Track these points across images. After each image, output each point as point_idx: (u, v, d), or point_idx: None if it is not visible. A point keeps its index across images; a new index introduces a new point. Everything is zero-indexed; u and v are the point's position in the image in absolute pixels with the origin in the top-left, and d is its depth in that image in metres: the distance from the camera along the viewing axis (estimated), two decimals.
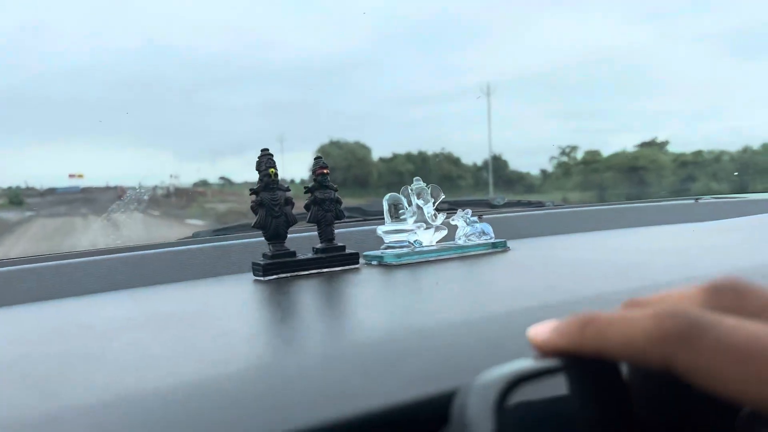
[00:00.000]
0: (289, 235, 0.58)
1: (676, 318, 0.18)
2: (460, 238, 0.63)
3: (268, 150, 0.58)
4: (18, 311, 0.49)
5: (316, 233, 0.60)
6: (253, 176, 0.58)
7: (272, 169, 0.57)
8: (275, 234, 0.57)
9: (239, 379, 0.26)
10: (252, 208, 0.57)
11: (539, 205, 1.08)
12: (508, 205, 1.06)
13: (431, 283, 0.49)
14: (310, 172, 0.60)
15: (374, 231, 0.62)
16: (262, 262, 0.55)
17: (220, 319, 0.40)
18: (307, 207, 0.60)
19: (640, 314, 0.19)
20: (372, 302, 0.44)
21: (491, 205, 1.03)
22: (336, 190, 0.60)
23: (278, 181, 0.57)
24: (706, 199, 1.15)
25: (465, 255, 0.62)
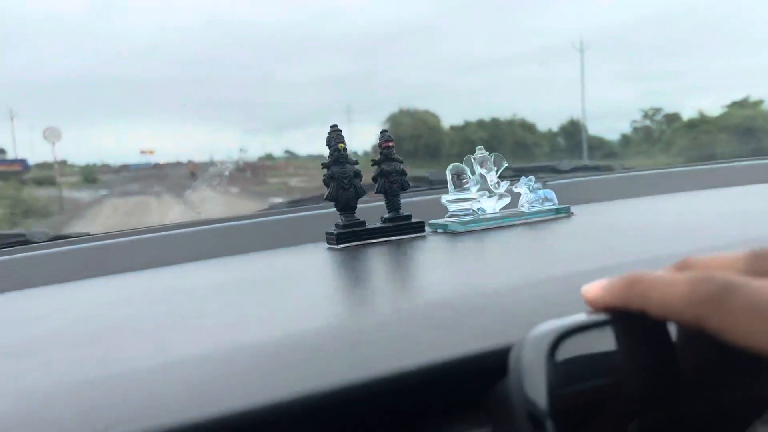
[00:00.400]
0: (359, 206, 0.62)
1: (708, 282, 0.20)
2: (523, 205, 0.65)
3: (337, 126, 0.61)
4: (120, 279, 0.56)
5: (383, 204, 0.63)
6: (317, 148, 0.63)
7: (341, 144, 0.61)
8: (346, 205, 0.61)
9: (321, 334, 0.30)
10: (324, 181, 0.61)
11: (607, 169, 1.06)
12: (575, 170, 1.05)
13: (493, 248, 0.52)
14: (377, 145, 0.63)
15: (439, 200, 0.65)
16: (335, 232, 0.60)
17: (301, 283, 0.45)
18: (374, 179, 0.63)
19: (680, 278, 0.21)
20: (438, 266, 0.47)
21: (557, 171, 1.03)
22: (401, 162, 0.63)
23: (347, 155, 0.61)
24: None
25: (528, 221, 0.64)
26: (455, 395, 0.27)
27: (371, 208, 0.68)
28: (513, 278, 0.39)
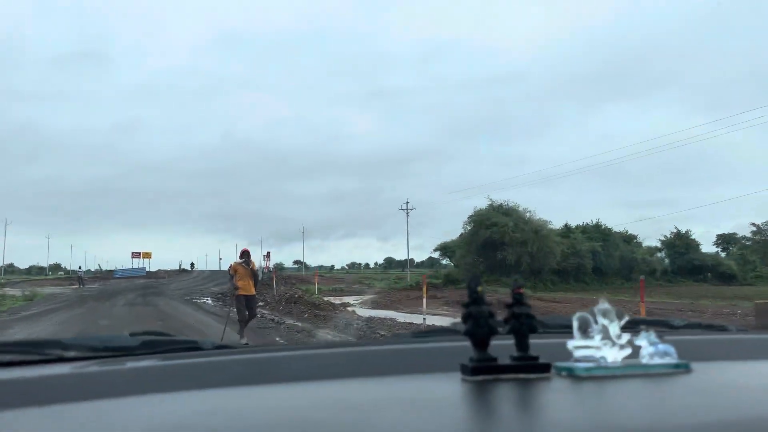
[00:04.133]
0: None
1: None
2: (643, 357, 0.74)
3: (478, 274, 0.74)
4: (282, 389, 0.66)
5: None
6: (324, 259, 0.77)
7: (479, 287, 0.72)
8: (480, 341, 0.71)
9: None
10: (462, 318, 0.72)
11: (721, 329, 1.14)
12: (688, 326, 1.12)
13: (615, 396, 0.60)
14: (510, 290, 0.75)
15: (557, 344, 0.74)
16: (470, 365, 0.69)
17: (435, 409, 0.53)
18: (506, 320, 0.74)
19: None
20: (560, 408, 0.55)
21: (669, 326, 1.11)
22: (530, 307, 0.74)
23: (484, 297, 0.72)
24: None
25: (648, 373, 0.72)
26: None
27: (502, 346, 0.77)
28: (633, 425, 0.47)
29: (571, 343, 0.74)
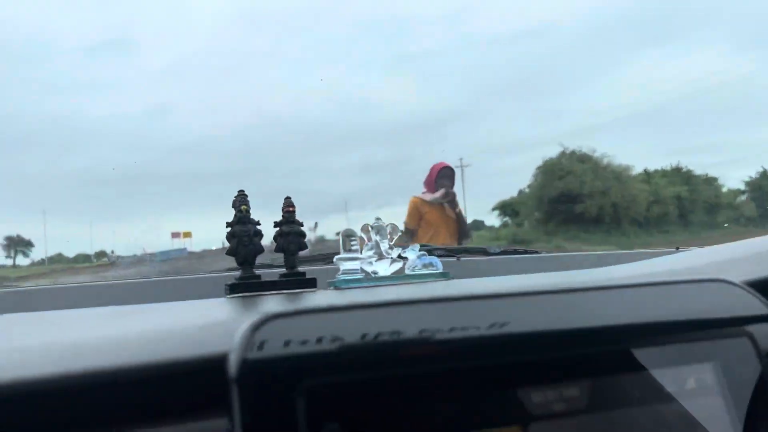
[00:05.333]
0: (262, 271, 0.81)
1: None
2: (408, 269, 0.82)
3: (243, 191, 0.83)
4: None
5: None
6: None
7: (244, 206, 0.82)
8: (244, 260, 0.81)
9: None
10: (227, 238, 0.82)
11: (534, 253, 1.26)
12: (503, 253, 1.23)
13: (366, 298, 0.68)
14: (282, 209, 0.84)
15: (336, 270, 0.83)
16: (230, 283, 0.79)
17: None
18: (274, 239, 0.83)
19: None
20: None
21: (487, 253, 1.20)
22: (301, 225, 0.83)
23: (249, 216, 0.82)
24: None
25: (408, 283, 0.80)
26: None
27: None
28: None
29: (336, 257, 0.82)
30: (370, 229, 0.83)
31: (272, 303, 0.71)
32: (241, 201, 0.82)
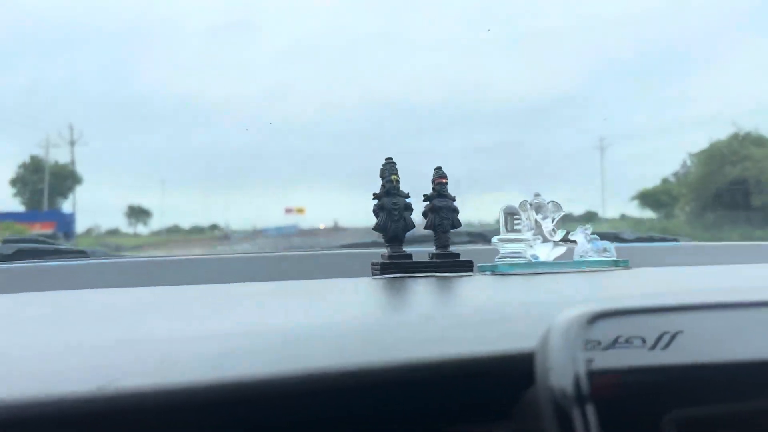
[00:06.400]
0: (413, 249, 0.80)
1: None
2: (578, 254, 0.78)
3: (391, 158, 0.82)
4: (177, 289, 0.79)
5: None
6: (466, 216, 0.84)
7: (395, 176, 0.81)
8: (394, 237, 0.81)
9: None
10: (374, 211, 0.82)
11: (673, 240, 1.27)
12: (639, 239, 1.23)
13: (538, 289, 0.67)
14: (432, 181, 0.83)
15: (493, 251, 0.81)
16: (380, 262, 0.79)
17: (343, 299, 0.63)
18: (424, 214, 0.82)
19: None
20: (476, 301, 0.62)
21: (620, 239, 1.19)
22: (454, 200, 0.81)
23: (399, 188, 0.81)
24: None
25: (584, 270, 0.76)
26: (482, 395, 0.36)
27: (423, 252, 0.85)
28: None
29: (496, 238, 0.80)
30: (528, 206, 0.80)
31: (428, 286, 0.70)
32: (390, 170, 0.82)
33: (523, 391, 0.34)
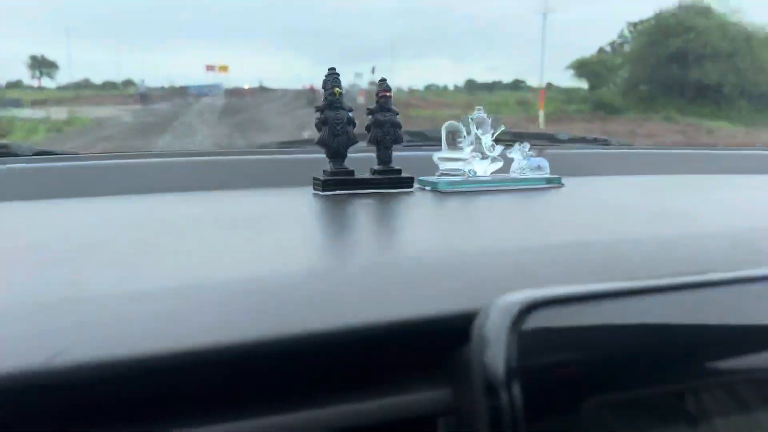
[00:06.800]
0: (349, 155, 0.84)
1: None
2: (514, 172, 0.83)
3: (334, 69, 0.84)
4: (101, 202, 0.78)
5: (375, 155, 0.85)
6: (394, 81, 0.85)
7: (337, 89, 0.83)
8: (336, 152, 0.84)
9: (292, 280, 0.42)
10: (316, 125, 0.84)
11: (605, 142, 1.33)
12: (572, 141, 1.31)
13: (477, 212, 0.72)
14: (375, 94, 0.85)
15: (431, 158, 0.85)
16: (322, 178, 0.82)
17: (281, 226, 0.64)
18: (367, 128, 0.85)
19: None
20: (419, 224, 0.67)
21: (555, 140, 1.29)
22: (397, 114, 0.84)
23: (342, 101, 0.83)
24: None
25: (517, 188, 0.82)
26: (418, 354, 0.37)
27: (362, 159, 0.89)
28: (492, 243, 0.57)
29: (436, 156, 0.84)
30: (470, 121, 0.84)
31: (369, 203, 0.75)
32: (333, 82, 0.83)
33: (457, 358, 0.35)
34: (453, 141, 0.84)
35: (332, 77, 0.83)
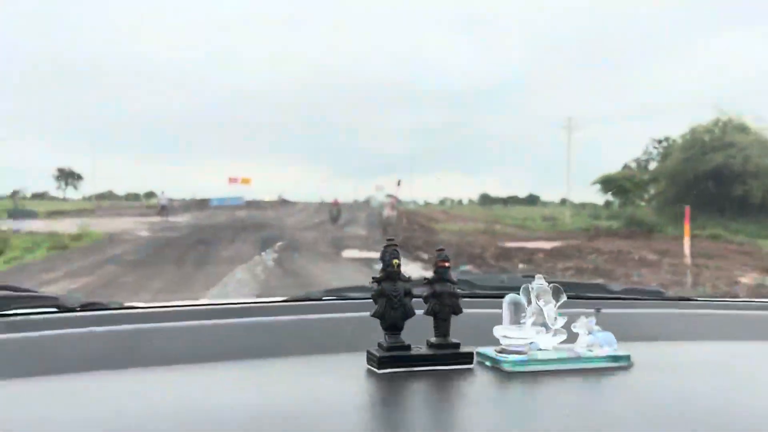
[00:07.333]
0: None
1: None
2: (581, 347, 0.84)
3: (393, 240, 0.86)
4: (134, 377, 0.80)
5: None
6: (410, 194, 0.89)
7: (396, 260, 0.85)
8: (392, 325, 0.85)
9: None
10: (372, 297, 0.86)
11: (658, 294, 1.35)
12: (626, 292, 1.32)
13: (543, 406, 0.72)
14: (433, 264, 0.87)
15: (483, 314, 0.86)
16: (377, 354, 0.83)
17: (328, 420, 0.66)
18: (425, 299, 0.86)
19: None
20: (484, 423, 0.67)
21: (607, 291, 1.32)
22: (455, 284, 0.86)
23: (401, 272, 0.85)
24: None
25: (584, 368, 0.82)
26: None
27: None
28: None
29: (498, 330, 0.85)
30: (530, 291, 0.85)
31: (427, 389, 0.76)
32: (391, 254, 0.85)
33: None
34: (516, 316, 0.85)
35: (391, 250, 0.85)
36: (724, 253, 15.35)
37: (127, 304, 1.12)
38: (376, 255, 0.91)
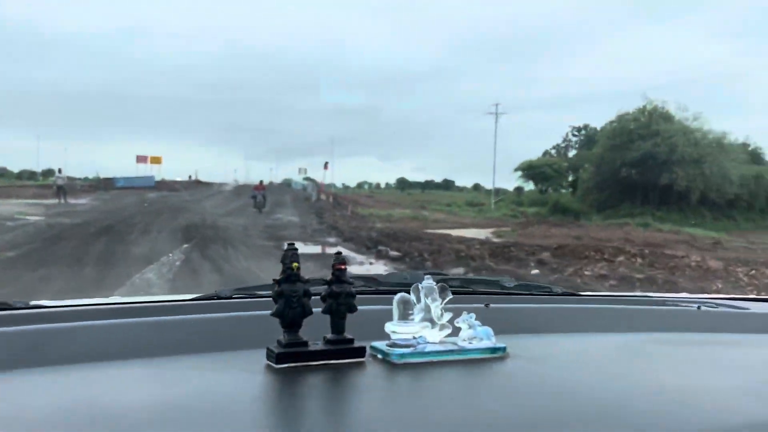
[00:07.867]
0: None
1: None
2: (463, 341, 0.97)
3: (293, 244, 0.97)
4: (43, 376, 0.87)
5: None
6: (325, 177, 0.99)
7: (295, 263, 0.96)
8: (291, 322, 0.96)
9: None
10: (273, 297, 0.96)
11: (548, 291, 1.51)
12: (518, 287, 1.50)
13: (428, 391, 0.84)
14: (331, 266, 0.98)
15: (384, 310, 0.98)
16: (275, 351, 0.93)
17: (227, 419, 0.73)
18: (323, 299, 0.97)
19: None
20: (374, 407, 0.79)
21: (501, 287, 1.47)
22: (351, 284, 0.97)
23: (299, 274, 0.96)
24: None
25: (465, 359, 0.95)
26: None
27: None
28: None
29: (389, 326, 0.97)
30: (420, 289, 0.98)
31: (320, 382, 0.87)
32: (292, 257, 0.96)
33: None
34: (405, 313, 0.97)
35: (291, 253, 0.96)
36: (668, 244, 15.92)
37: (32, 303, 1.18)
38: (331, 250, 1.00)
